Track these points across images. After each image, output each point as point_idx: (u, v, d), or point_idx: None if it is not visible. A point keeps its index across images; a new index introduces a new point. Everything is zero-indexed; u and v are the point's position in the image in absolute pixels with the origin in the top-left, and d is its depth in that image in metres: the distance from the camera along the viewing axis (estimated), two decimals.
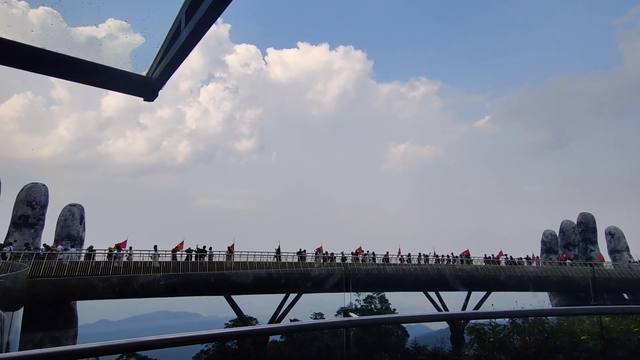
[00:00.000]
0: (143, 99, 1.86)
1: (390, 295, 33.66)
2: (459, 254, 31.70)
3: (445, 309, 29.52)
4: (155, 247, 23.17)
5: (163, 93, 1.88)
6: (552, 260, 34.10)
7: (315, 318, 28.02)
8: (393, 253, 30.21)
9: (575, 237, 36.64)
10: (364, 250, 29.58)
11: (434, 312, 5.48)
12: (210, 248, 24.96)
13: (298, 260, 26.20)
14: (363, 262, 28.40)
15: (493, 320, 5.16)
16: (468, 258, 31.49)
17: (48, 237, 24.69)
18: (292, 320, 25.15)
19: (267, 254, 25.65)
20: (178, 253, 24.02)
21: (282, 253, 26.59)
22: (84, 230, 26.33)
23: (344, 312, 23.17)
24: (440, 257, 31.46)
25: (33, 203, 23.92)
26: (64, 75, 1.69)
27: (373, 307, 32.83)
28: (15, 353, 1.32)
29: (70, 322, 21.55)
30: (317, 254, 27.88)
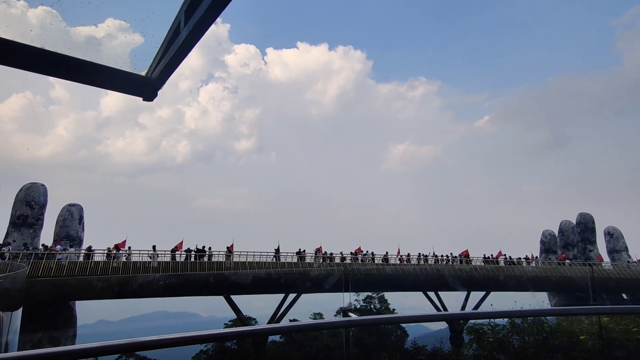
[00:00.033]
0: (142, 99, 1.86)
1: (390, 295, 33.73)
2: (458, 254, 31.71)
3: (445, 309, 29.55)
4: (154, 247, 23.14)
5: (162, 93, 1.88)
6: (551, 260, 34.15)
7: (315, 318, 28.03)
8: (392, 253, 30.22)
9: (574, 237, 36.69)
10: (363, 250, 29.58)
11: (433, 312, 5.48)
12: (210, 248, 24.94)
13: (297, 260, 26.18)
14: (362, 262, 28.41)
15: (492, 320, 5.16)
16: (467, 258, 31.51)
17: (47, 237, 24.67)
18: (291, 320, 25.15)
19: (266, 254, 25.65)
20: (177, 253, 23.99)
21: (281, 253, 26.57)
22: (83, 230, 26.29)
23: (343, 312, 23.19)
24: (440, 257, 31.47)
25: (32, 203, 23.88)
26: (63, 75, 1.69)
27: (372, 307, 32.88)
28: (15, 353, 1.31)
29: (69, 322, 21.51)
30: (316, 254, 27.86)
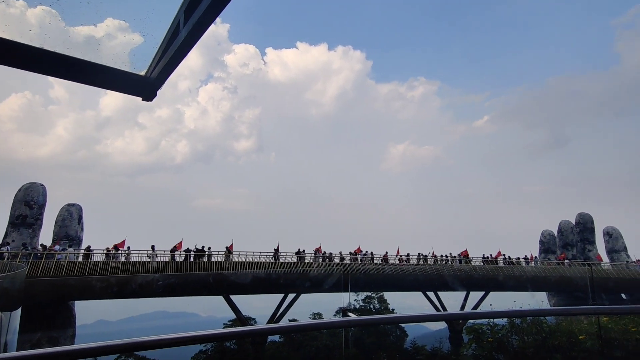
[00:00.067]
0: (141, 99, 1.86)
1: (389, 295, 33.73)
2: (458, 254, 31.73)
3: (444, 309, 29.57)
4: (153, 247, 23.12)
5: (161, 93, 1.88)
6: (550, 260, 34.18)
7: (314, 318, 28.02)
8: (392, 253, 30.25)
9: (574, 237, 36.73)
10: (363, 250, 29.60)
11: (433, 312, 5.48)
12: (209, 248, 24.94)
13: (297, 260, 26.18)
14: (362, 262, 28.42)
15: (491, 320, 5.17)
16: (466, 258, 31.52)
17: (46, 237, 24.64)
18: (290, 320, 25.14)
19: (265, 254, 25.65)
20: (176, 253, 23.98)
21: (280, 253, 26.57)
22: (82, 230, 26.26)
23: (343, 312, 23.16)
24: (439, 257, 31.49)
25: (31, 203, 23.84)
26: (63, 75, 1.69)
27: (372, 307, 32.88)
28: (14, 353, 1.31)
29: (69, 322, 21.49)
30: (315, 254, 27.86)
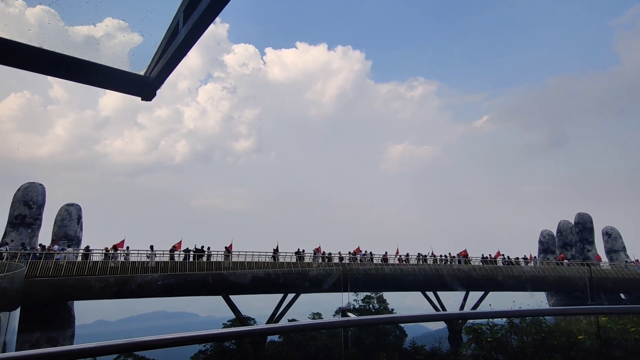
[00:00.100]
0: (141, 99, 1.86)
1: (388, 295, 33.72)
2: (457, 254, 31.76)
3: (443, 309, 29.58)
4: (152, 247, 23.10)
5: (161, 92, 1.88)
6: (549, 260, 34.22)
7: (314, 318, 28.03)
8: (391, 253, 30.28)
9: (573, 237, 36.77)
10: (362, 250, 29.61)
11: (432, 312, 5.48)
12: (209, 248, 24.93)
13: (296, 260, 26.18)
14: (361, 262, 28.43)
15: (491, 320, 5.17)
16: (466, 258, 31.55)
17: (45, 237, 24.61)
18: (290, 320, 25.13)
19: (265, 254, 25.64)
20: (176, 253, 23.97)
21: (280, 253, 26.57)
22: (82, 230, 26.23)
23: (342, 312, 23.17)
24: (438, 257, 31.51)
25: (30, 203, 23.81)
26: (62, 75, 1.69)
27: (371, 307, 32.87)
28: (13, 353, 1.31)
29: (68, 322, 21.46)
30: (315, 254, 27.87)
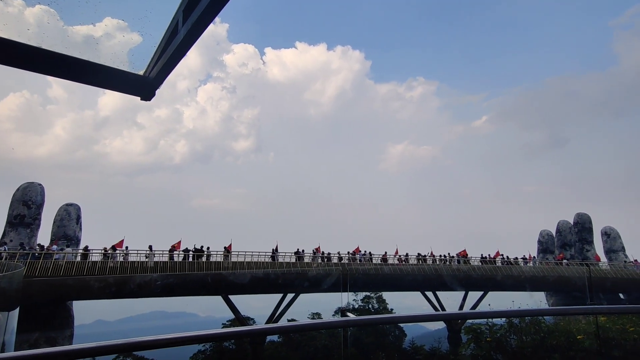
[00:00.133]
0: (140, 99, 1.85)
1: (388, 295, 33.71)
2: (456, 254, 31.78)
3: (443, 309, 29.59)
4: (150, 247, 23.08)
5: (160, 92, 1.87)
6: (548, 260, 34.26)
7: (313, 318, 28.02)
8: (390, 253, 30.29)
9: (572, 237, 36.82)
10: (362, 250, 29.61)
11: (431, 312, 5.49)
12: (208, 248, 24.91)
13: (295, 260, 26.17)
14: (360, 262, 28.43)
15: (490, 320, 5.18)
16: (465, 258, 31.57)
17: (44, 237, 24.59)
18: (289, 320, 25.12)
19: (264, 254, 25.63)
20: (175, 253, 23.95)
21: (279, 253, 26.56)
22: (81, 230, 26.20)
23: (342, 312, 23.14)
24: (438, 257, 31.53)
25: (29, 202, 23.78)
26: (61, 75, 1.69)
27: (370, 307, 32.86)
28: (12, 353, 1.31)
29: (67, 322, 21.44)
30: (314, 254, 27.86)
